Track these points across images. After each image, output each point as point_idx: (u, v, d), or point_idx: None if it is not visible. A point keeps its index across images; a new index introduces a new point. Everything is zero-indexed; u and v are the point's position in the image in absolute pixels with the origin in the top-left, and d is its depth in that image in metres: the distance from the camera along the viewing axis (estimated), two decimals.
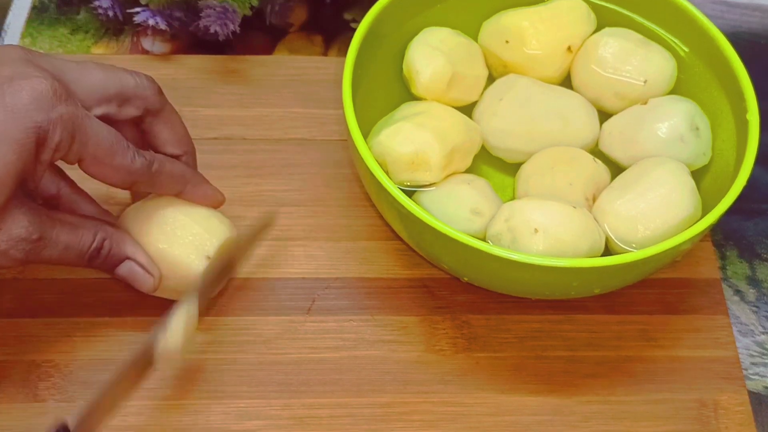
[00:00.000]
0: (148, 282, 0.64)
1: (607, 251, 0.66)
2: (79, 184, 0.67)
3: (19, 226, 0.58)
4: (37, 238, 0.59)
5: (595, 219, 0.66)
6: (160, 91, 0.65)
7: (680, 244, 0.62)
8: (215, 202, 0.67)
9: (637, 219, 0.66)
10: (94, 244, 0.62)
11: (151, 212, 0.65)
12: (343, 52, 0.83)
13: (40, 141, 0.56)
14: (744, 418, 0.67)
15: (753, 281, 0.75)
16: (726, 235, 0.76)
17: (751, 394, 0.69)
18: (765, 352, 0.71)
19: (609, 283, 0.67)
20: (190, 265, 0.64)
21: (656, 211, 0.66)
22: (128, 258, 0.64)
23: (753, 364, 0.70)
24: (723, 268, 0.75)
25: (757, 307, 0.73)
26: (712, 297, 0.73)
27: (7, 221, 0.57)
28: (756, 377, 0.70)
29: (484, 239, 0.66)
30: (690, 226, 0.64)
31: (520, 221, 0.64)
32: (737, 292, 0.74)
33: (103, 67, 0.62)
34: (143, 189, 0.64)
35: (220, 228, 0.66)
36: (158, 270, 0.64)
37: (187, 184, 0.65)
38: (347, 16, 0.87)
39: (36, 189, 0.60)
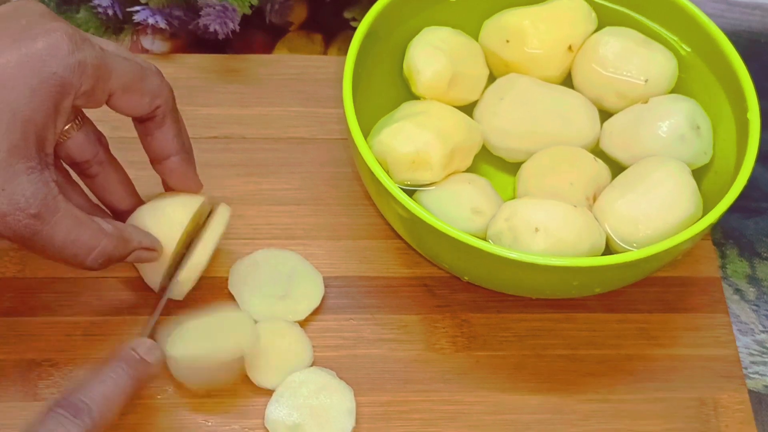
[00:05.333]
0: (153, 258, 0.64)
1: (608, 251, 0.66)
2: None
3: (20, 192, 0.55)
4: (34, 214, 0.56)
5: (595, 218, 0.66)
6: (172, 99, 0.64)
7: (681, 243, 0.62)
8: (191, 188, 0.67)
9: (638, 219, 0.66)
10: (97, 251, 0.60)
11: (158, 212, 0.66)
12: (343, 50, 0.83)
13: (58, 90, 0.55)
14: (744, 416, 0.67)
15: (753, 280, 0.75)
16: (726, 234, 0.76)
17: (750, 392, 0.69)
18: (765, 350, 0.71)
19: (610, 282, 0.67)
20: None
21: (657, 212, 0.65)
22: (134, 250, 0.63)
23: (753, 362, 0.71)
24: (723, 266, 0.75)
25: (757, 305, 0.73)
26: (712, 295, 0.73)
27: (13, 183, 0.55)
28: (756, 376, 0.70)
29: (484, 238, 0.65)
30: (690, 226, 0.64)
31: (520, 220, 0.64)
32: (737, 290, 0.74)
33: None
34: (158, 119, 0.63)
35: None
36: (159, 242, 0.64)
37: (186, 147, 0.66)
38: (347, 15, 0.87)
39: (52, 152, 0.58)
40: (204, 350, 0.63)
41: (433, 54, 0.71)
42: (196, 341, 0.63)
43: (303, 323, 0.68)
